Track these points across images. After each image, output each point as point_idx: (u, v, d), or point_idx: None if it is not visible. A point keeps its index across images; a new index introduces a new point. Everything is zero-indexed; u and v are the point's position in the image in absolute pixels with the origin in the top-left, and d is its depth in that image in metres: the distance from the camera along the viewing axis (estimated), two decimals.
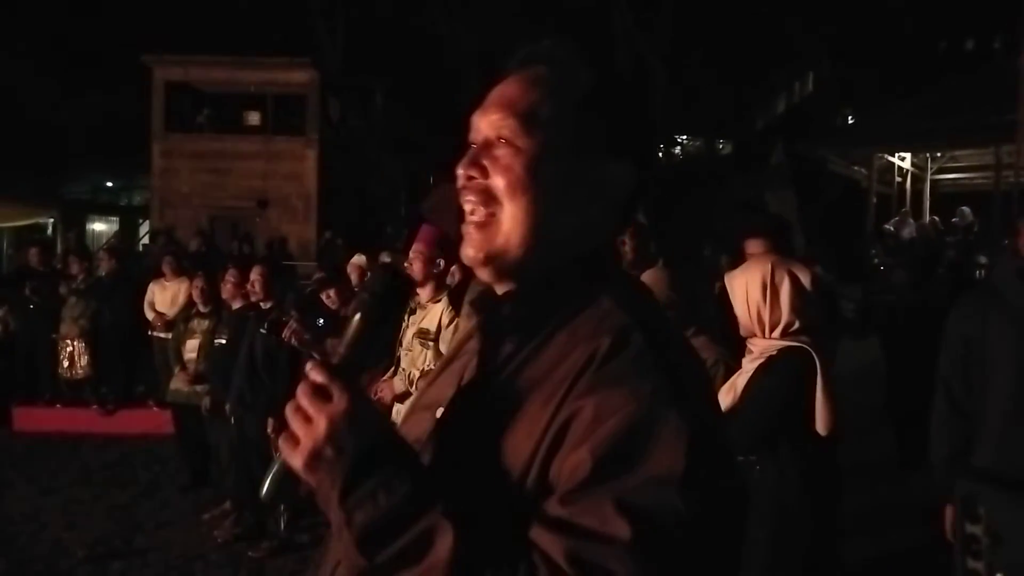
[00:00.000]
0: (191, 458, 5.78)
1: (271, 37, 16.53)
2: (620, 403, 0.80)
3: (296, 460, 0.84)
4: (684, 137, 26.65)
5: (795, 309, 2.31)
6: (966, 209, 12.21)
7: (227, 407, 4.77)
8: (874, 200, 13.34)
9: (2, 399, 7.63)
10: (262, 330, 4.62)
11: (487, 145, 0.95)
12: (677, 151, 26.55)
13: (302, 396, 0.86)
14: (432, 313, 3.76)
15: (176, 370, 5.71)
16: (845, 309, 8.24)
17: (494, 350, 0.95)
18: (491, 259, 0.94)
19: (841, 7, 18.48)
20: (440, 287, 3.84)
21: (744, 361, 2.42)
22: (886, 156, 13.38)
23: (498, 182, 0.93)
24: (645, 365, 0.84)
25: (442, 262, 3.81)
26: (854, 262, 11.47)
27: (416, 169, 18.60)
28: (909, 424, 4.96)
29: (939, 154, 14.09)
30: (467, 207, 0.96)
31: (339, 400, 0.84)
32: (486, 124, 0.96)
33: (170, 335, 6.26)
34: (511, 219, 0.93)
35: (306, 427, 0.84)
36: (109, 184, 21.57)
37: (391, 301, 0.97)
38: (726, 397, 2.36)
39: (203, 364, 5.46)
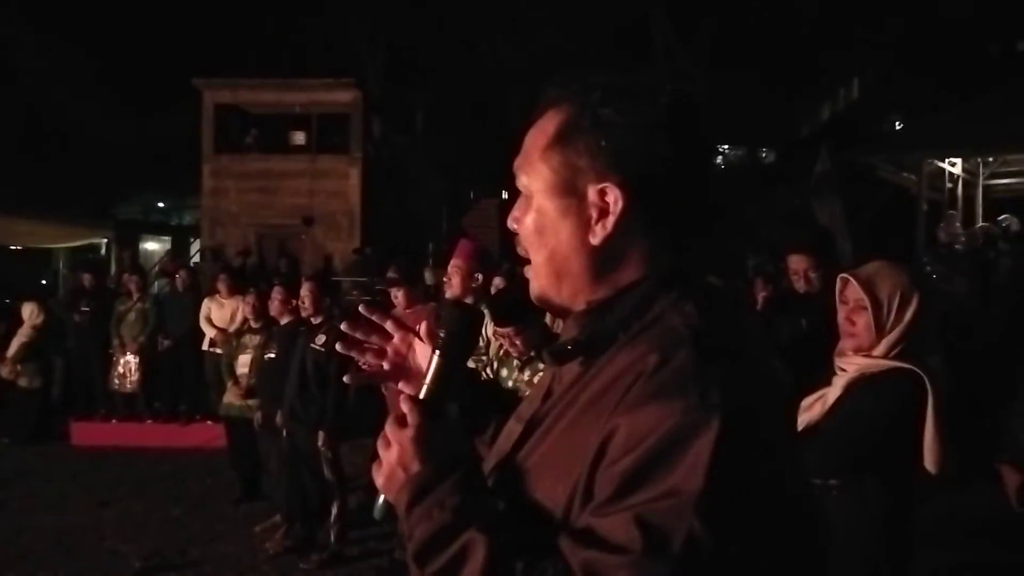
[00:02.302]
0: (243, 471, 5.88)
1: (315, 59, 16.86)
2: (651, 420, 0.80)
3: (379, 480, 0.97)
4: (726, 147, 26.41)
5: (915, 329, 2.12)
6: (1012, 217, 11.85)
7: (278, 420, 4.84)
8: (924, 207, 13.01)
9: (60, 415, 7.87)
10: (314, 344, 4.69)
11: (520, 197, 1.01)
12: (719, 161, 26.32)
13: (388, 424, 0.98)
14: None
15: (229, 384, 5.82)
16: None
17: (561, 375, 0.98)
18: (541, 302, 1.01)
19: (889, 12, 18.18)
20: (480, 301, 3.84)
21: (836, 378, 2.23)
22: (936, 162, 13.06)
23: (522, 231, 1.00)
24: (684, 380, 0.82)
25: (480, 276, 3.82)
26: None
27: (457, 186, 18.77)
28: (968, 437, 4.82)
29: (991, 159, 13.72)
30: (520, 253, 1.03)
31: (411, 427, 0.96)
32: (518, 171, 1.01)
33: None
34: (537, 267, 0.99)
35: (386, 451, 0.97)
36: (161, 204, 22.19)
37: (465, 336, 1.08)
38: (808, 411, 2.20)
39: (254, 378, 5.56)
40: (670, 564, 0.75)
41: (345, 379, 1.23)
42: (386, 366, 1.21)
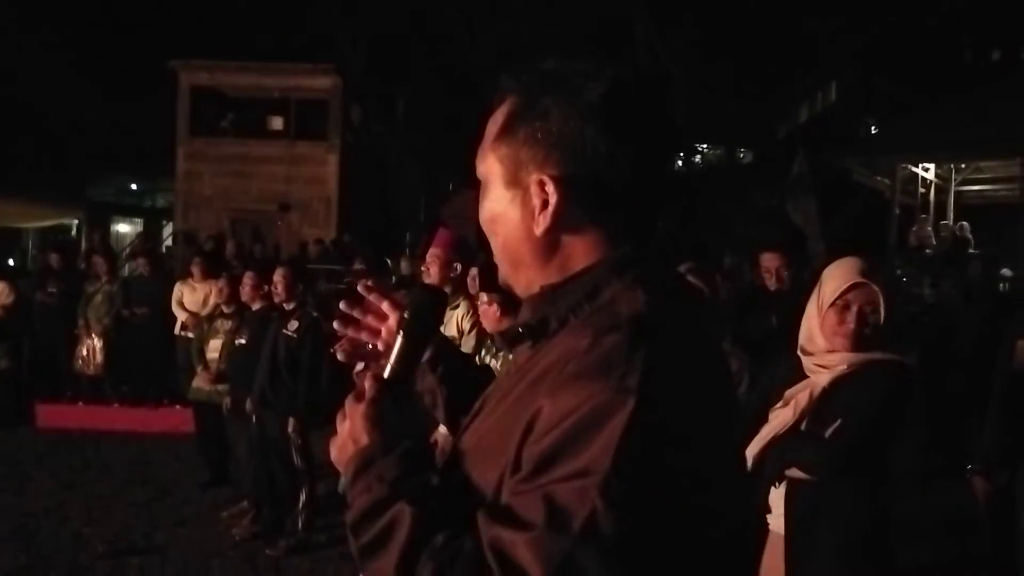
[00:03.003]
0: (210, 456, 5.83)
1: (295, 43, 16.70)
2: (571, 401, 0.80)
3: (332, 453, 1.01)
4: (704, 146, 26.57)
5: (888, 320, 2.10)
6: (965, 224, 12.11)
7: (248, 406, 4.80)
8: (897, 211, 13.19)
9: (25, 397, 7.73)
10: (286, 331, 4.66)
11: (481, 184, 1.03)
12: (697, 159, 26.47)
13: (348, 399, 1.01)
14: (451, 321, 3.76)
15: (199, 369, 5.76)
16: None
17: (516, 355, 1.00)
18: (506, 287, 1.04)
19: (867, 16, 18.38)
20: (457, 291, 3.84)
21: (817, 376, 2.18)
22: (910, 167, 13.25)
23: (481, 221, 1.01)
24: (607, 362, 0.81)
25: (459, 266, 3.82)
26: None
27: (436, 176, 18.68)
28: (944, 432, 4.91)
29: (963, 165, 13.94)
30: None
31: (365, 402, 0.99)
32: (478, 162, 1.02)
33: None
34: (496, 254, 1.01)
35: (341, 424, 1.00)
36: (133, 187, 21.86)
37: (429, 317, 1.10)
38: (782, 414, 2.17)
39: (224, 364, 5.51)
40: (568, 542, 0.75)
41: (337, 354, 1.24)
42: (379, 346, 1.22)
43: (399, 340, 1.07)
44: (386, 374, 1.05)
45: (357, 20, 17.92)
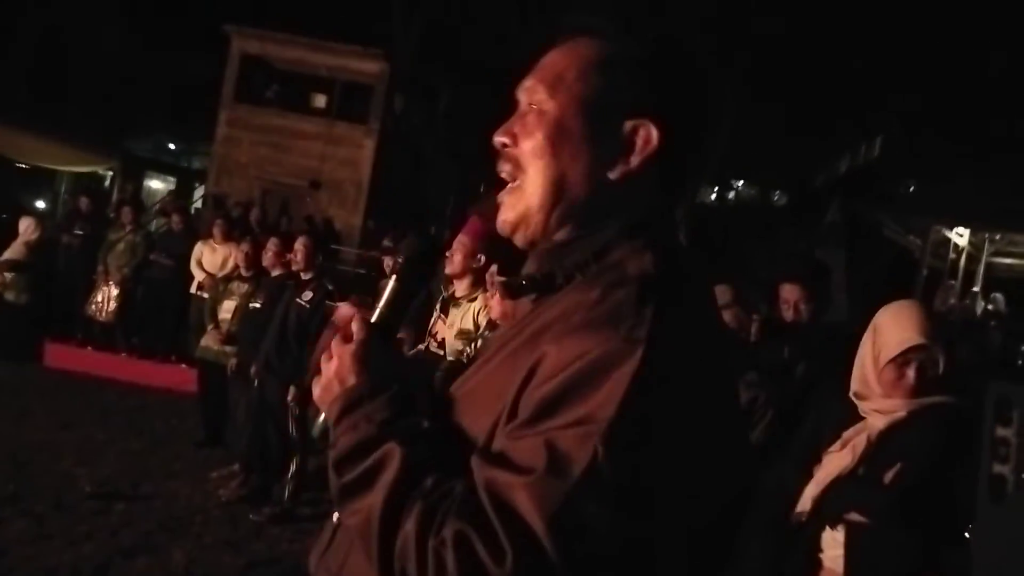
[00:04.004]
0: (209, 416, 5.84)
1: (348, 24, 16.80)
2: (577, 348, 0.81)
3: (315, 392, 0.99)
4: (740, 183, 26.48)
5: (950, 368, 2.06)
6: (999, 296, 11.92)
7: (252, 369, 4.82)
8: (925, 272, 13.05)
9: (36, 334, 7.81)
10: (299, 300, 4.68)
11: (521, 113, 0.99)
12: (731, 195, 26.37)
13: (335, 340, 0.99)
14: (468, 312, 3.72)
15: (209, 328, 5.79)
16: None
17: (517, 307, 1.00)
18: (518, 224, 0.98)
19: (922, 79, 18.26)
20: (477, 283, 3.80)
21: (872, 419, 2.12)
22: (943, 230, 13.11)
23: (524, 147, 0.97)
24: (616, 314, 0.82)
25: (483, 258, 3.77)
26: None
27: (469, 176, 18.71)
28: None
29: (999, 236, 13.77)
30: (502, 175, 1.00)
31: (353, 343, 0.97)
32: (522, 93, 1.00)
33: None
34: (532, 183, 0.96)
35: (327, 364, 0.98)
36: (172, 146, 22.06)
37: (423, 265, 1.09)
38: (838, 457, 2.11)
39: (236, 326, 5.53)
40: (566, 487, 0.75)
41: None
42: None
43: (391, 284, 1.05)
44: (374, 318, 1.03)
45: (413, 9, 18.02)
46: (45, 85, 17.38)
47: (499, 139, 1.00)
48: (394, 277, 1.06)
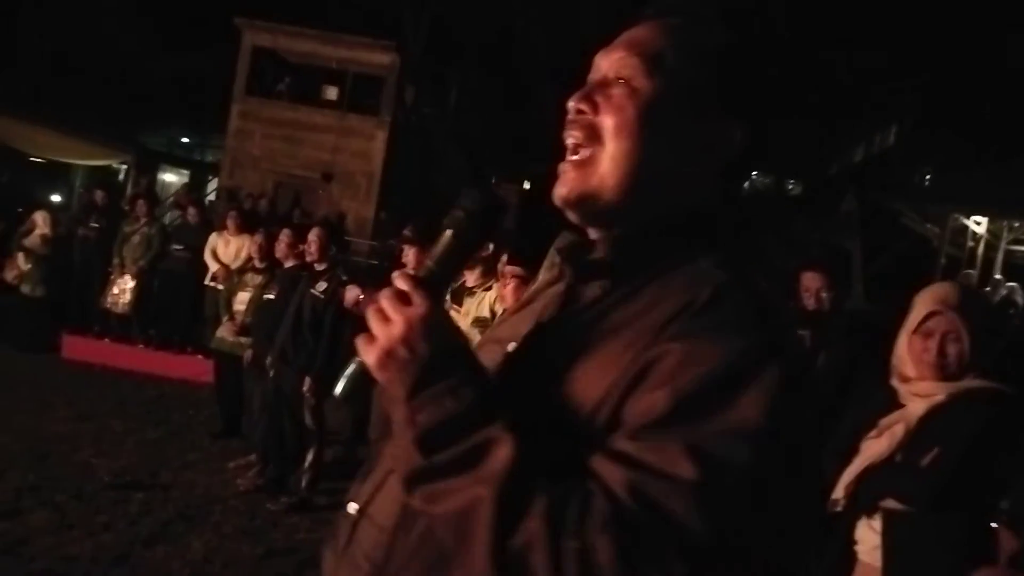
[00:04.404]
0: (226, 407, 5.88)
1: (358, 16, 16.79)
2: (710, 351, 0.79)
3: (370, 357, 0.86)
4: (754, 173, 26.33)
5: (976, 349, 2.05)
6: (1016, 286, 11.78)
7: (267, 360, 4.83)
8: (943, 261, 12.93)
9: (55, 326, 7.87)
10: (314, 290, 4.69)
11: (604, 83, 0.95)
12: (744, 185, 26.20)
13: (384, 299, 0.88)
14: (484, 301, 3.73)
15: (224, 319, 5.82)
16: None
17: (579, 292, 0.94)
18: (583, 200, 0.93)
19: (936, 67, 18.05)
20: (488, 272, 3.81)
21: (912, 404, 2.10)
22: (961, 218, 12.99)
23: (607, 120, 0.92)
24: (744, 320, 0.82)
25: (492, 245, 3.77)
26: None
27: (480, 166, 18.69)
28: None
29: (1016, 224, 13.62)
30: (569, 142, 0.95)
31: (418, 305, 0.87)
32: (608, 62, 0.95)
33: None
34: (611, 160, 0.91)
35: (384, 327, 0.86)
36: (185, 140, 22.17)
37: (484, 221, 0.96)
38: (875, 444, 2.09)
39: (250, 317, 5.55)
40: (721, 495, 0.74)
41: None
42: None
43: (445, 237, 0.94)
44: (422, 273, 0.93)
45: (423, 1, 17.98)
46: (59, 80, 17.48)
47: (577, 104, 0.94)
48: (449, 231, 0.94)
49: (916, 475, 2.00)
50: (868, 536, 2.06)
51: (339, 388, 0.93)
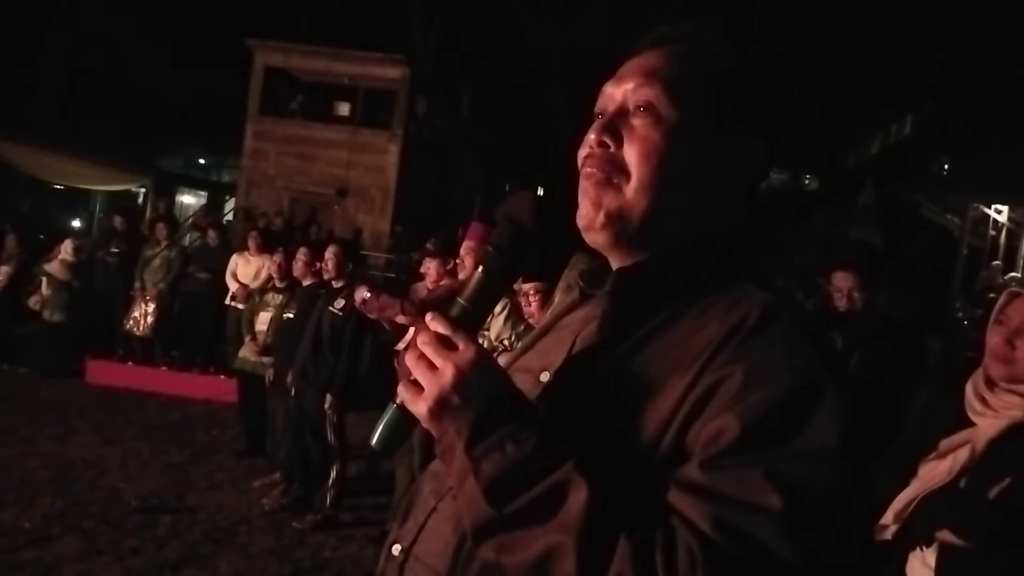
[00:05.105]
0: (250, 426, 5.90)
1: (368, 31, 16.91)
2: (774, 373, 0.78)
3: (419, 407, 0.84)
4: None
5: None
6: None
7: (289, 379, 4.85)
8: (964, 251, 12.75)
9: (78, 351, 7.96)
10: (332, 308, 4.70)
11: (623, 113, 0.93)
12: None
13: (425, 344, 0.85)
14: (495, 324, 3.68)
15: (246, 340, 5.85)
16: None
17: (615, 320, 0.93)
18: (611, 221, 0.91)
19: (950, 54, 17.86)
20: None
21: (984, 420, 1.79)
22: (982, 207, 12.81)
23: (631, 151, 0.91)
24: (798, 339, 0.82)
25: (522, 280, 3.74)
26: (937, 313, 10.99)
27: (494, 177, 18.71)
28: None
29: None
30: (590, 178, 0.93)
31: (466, 349, 0.84)
32: (622, 92, 0.94)
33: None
34: (638, 190, 0.90)
35: (431, 375, 0.83)
36: (202, 161, 22.37)
37: (515, 256, 0.94)
38: (937, 467, 1.79)
39: (271, 337, 5.58)
40: (807, 520, 0.74)
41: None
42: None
43: (477, 275, 0.92)
44: (457, 313, 0.90)
45: (432, 13, 18.07)
46: (75, 107, 17.74)
47: (599, 137, 0.92)
48: (480, 268, 0.92)
49: (981, 506, 1.73)
50: (921, 572, 1.81)
51: (376, 437, 0.90)
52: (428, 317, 0.87)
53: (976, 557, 1.71)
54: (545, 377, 0.95)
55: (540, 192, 17.66)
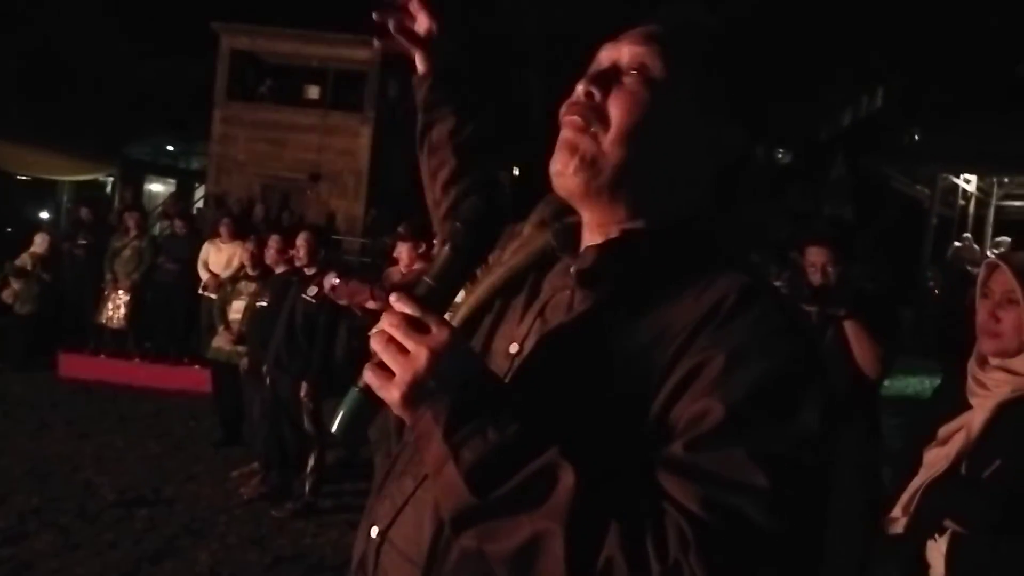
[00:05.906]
0: (225, 416, 5.86)
1: (336, 13, 16.66)
2: (757, 357, 0.79)
3: (391, 393, 0.80)
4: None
5: None
6: (1006, 239, 11.76)
7: (263, 368, 4.82)
8: (934, 221, 12.92)
9: (49, 345, 7.85)
10: (305, 295, 4.67)
11: (616, 70, 0.92)
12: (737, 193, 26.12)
13: (393, 328, 0.82)
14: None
15: (220, 329, 5.79)
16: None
17: (585, 298, 0.91)
18: (583, 166, 0.89)
19: (918, 25, 17.97)
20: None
21: (979, 400, 1.75)
22: (951, 177, 12.97)
23: (615, 103, 0.89)
24: (778, 324, 0.83)
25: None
26: (907, 283, 11.15)
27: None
28: None
29: (1007, 179, 13.63)
30: (568, 120, 0.91)
31: (439, 332, 0.81)
32: (619, 53, 0.93)
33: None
34: (614, 139, 0.88)
35: (402, 359, 0.80)
36: (170, 148, 22.03)
37: (483, 231, 0.91)
38: (937, 455, 1.77)
39: (245, 325, 5.53)
40: (794, 499, 0.75)
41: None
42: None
43: (444, 252, 0.89)
44: (421, 291, 0.86)
45: None
46: (40, 96, 17.36)
47: (587, 87, 0.90)
48: (448, 245, 0.89)
49: (976, 492, 1.71)
50: (937, 561, 1.75)
51: (336, 424, 0.87)
52: (393, 298, 0.84)
53: (979, 544, 1.70)
54: (514, 348, 0.93)
55: (515, 172, 17.60)
